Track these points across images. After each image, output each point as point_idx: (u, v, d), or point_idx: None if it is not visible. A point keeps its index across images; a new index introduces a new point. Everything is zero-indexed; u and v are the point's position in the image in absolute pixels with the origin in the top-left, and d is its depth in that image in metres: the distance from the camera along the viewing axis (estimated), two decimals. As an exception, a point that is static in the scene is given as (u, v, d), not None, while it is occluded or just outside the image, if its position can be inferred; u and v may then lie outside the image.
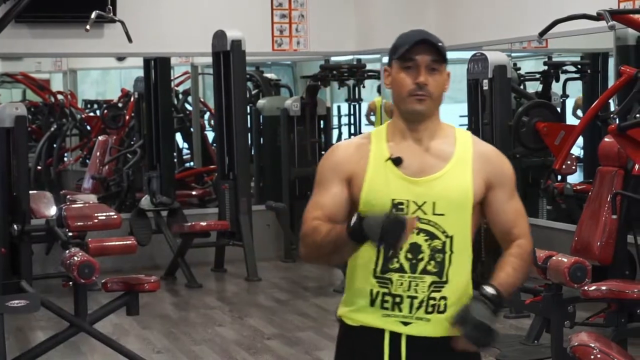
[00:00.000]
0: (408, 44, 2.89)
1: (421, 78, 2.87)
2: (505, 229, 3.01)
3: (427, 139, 2.94)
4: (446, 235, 2.90)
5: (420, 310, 2.89)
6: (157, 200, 10.11)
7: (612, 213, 6.83)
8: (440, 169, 2.92)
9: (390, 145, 2.94)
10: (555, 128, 8.00)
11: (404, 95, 2.90)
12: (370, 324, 2.93)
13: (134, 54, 10.79)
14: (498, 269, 2.96)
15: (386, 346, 2.92)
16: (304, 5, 10.95)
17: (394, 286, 2.89)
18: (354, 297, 2.97)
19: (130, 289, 6.37)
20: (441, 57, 2.89)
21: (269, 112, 11.23)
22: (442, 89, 2.92)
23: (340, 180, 2.94)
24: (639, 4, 7.87)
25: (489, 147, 3.05)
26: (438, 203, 2.89)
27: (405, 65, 2.90)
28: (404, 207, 2.88)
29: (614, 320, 5.65)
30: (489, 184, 2.96)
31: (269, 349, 7.06)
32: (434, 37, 2.91)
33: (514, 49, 10.21)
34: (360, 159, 2.94)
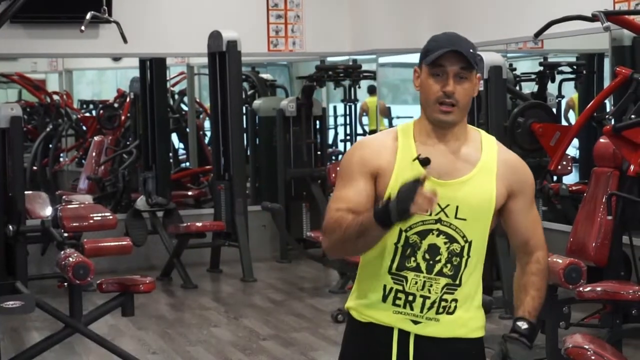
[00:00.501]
0: (438, 52, 2.88)
1: (449, 88, 2.88)
2: (523, 239, 3.05)
3: (453, 141, 2.95)
4: (465, 240, 2.93)
5: (432, 311, 2.93)
6: (152, 200, 10.10)
7: (608, 214, 6.83)
8: (466, 174, 2.93)
9: (417, 144, 2.94)
10: (551, 129, 8.00)
11: (431, 102, 2.91)
12: (380, 321, 2.96)
13: (130, 55, 10.78)
14: (522, 291, 3.02)
15: (395, 344, 2.94)
16: (300, 6, 10.95)
17: (409, 284, 2.92)
18: (366, 291, 2.99)
19: (126, 289, 6.36)
20: (470, 65, 2.88)
21: (264, 113, 11.23)
22: (470, 96, 2.92)
23: (367, 175, 2.93)
24: (634, 5, 7.87)
25: (513, 155, 3.05)
26: (461, 207, 2.91)
27: (434, 71, 2.90)
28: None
29: (609, 321, 5.64)
30: (511, 192, 2.98)
31: (265, 349, 7.06)
32: (464, 45, 2.90)
33: (510, 49, 10.21)
34: (387, 155, 2.94)
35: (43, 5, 9.68)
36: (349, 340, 3.06)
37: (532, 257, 3.05)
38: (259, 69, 13.17)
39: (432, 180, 2.86)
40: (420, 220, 2.88)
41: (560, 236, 8.03)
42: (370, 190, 2.93)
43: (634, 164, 6.51)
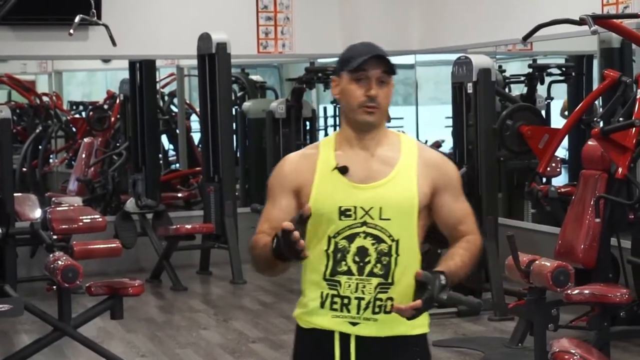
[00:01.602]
0: (361, 57, 3.00)
1: (373, 91, 3.00)
2: (452, 227, 3.11)
3: (373, 146, 3.06)
4: (392, 239, 3.00)
5: (368, 311, 3.00)
6: (142, 202, 10.09)
7: (596, 216, 6.85)
8: (386, 175, 3.03)
9: (338, 153, 3.06)
10: (539, 131, 8.02)
11: (355, 107, 3.02)
12: (321, 326, 3.05)
13: (119, 57, 10.77)
14: (447, 258, 3.05)
15: (337, 347, 3.03)
16: (289, 8, 10.95)
17: (342, 288, 3.01)
18: (306, 299, 3.09)
19: (115, 292, 6.37)
20: (390, 70, 3.02)
21: (254, 115, 11.23)
22: (389, 99, 3.05)
23: (288, 193, 3.06)
24: (622, 8, 7.89)
25: (435, 153, 3.16)
26: (384, 208, 3.00)
27: (357, 77, 3.01)
28: (352, 213, 2.99)
29: (597, 324, 5.67)
30: (435, 189, 3.07)
31: (254, 352, 7.07)
32: (383, 51, 3.04)
33: (499, 51, 10.23)
34: (308, 169, 3.06)
35: (32, 8, 9.66)
36: (297, 347, 3.17)
37: (464, 237, 3.10)
38: (248, 70, 13.17)
39: (354, 185, 3.00)
40: (347, 226, 3.00)
41: (549, 238, 8.06)
42: (293, 207, 3.05)
43: (621, 166, 6.54)
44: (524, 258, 5.99)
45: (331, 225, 3.00)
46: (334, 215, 2.99)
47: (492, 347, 6.90)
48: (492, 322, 7.63)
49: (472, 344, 7.06)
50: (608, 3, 8.06)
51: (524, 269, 5.94)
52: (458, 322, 7.69)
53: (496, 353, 6.75)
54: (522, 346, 6.70)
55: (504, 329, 7.35)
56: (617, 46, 8.09)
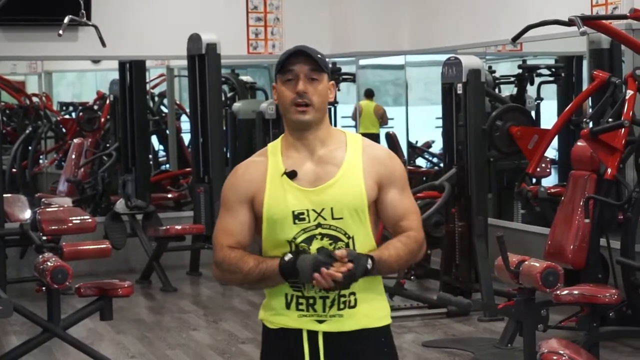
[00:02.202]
0: (286, 57, 3.07)
1: (300, 87, 3.04)
2: (394, 223, 3.14)
3: (318, 147, 3.10)
4: (348, 237, 3.06)
5: (333, 308, 3.06)
6: (132, 203, 10.08)
7: (585, 217, 6.86)
8: (333, 176, 3.08)
9: (285, 159, 3.10)
10: (529, 132, 8.03)
11: (287, 106, 3.07)
12: (288, 326, 3.10)
13: (109, 57, 10.76)
14: (383, 247, 3.09)
15: (305, 344, 3.08)
16: (279, 9, 10.95)
17: (306, 289, 3.06)
18: (271, 302, 3.13)
19: (104, 294, 6.36)
20: (319, 66, 3.05)
21: (244, 115, 11.21)
22: (323, 97, 3.07)
23: (244, 203, 3.10)
24: (612, 9, 7.91)
25: (380, 149, 3.20)
26: (335, 208, 3.05)
27: (286, 78, 3.07)
28: (305, 217, 3.03)
29: (587, 324, 5.68)
30: (381, 184, 3.11)
31: (244, 353, 7.07)
32: (311, 49, 3.07)
33: (489, 52, 10.24)
34: (258, 176, 3.10)
35: (22, 8, 9.65)
36: (266, 348, 3.20)
37: (404, 233, 3.13)
38: (238, 71, 13.15)
39: (303, 189, 3.05)
40: (302, 230, 3.05)
41: (539, 239, 8.08)
42: (250, 218, 3.11)
43: (611, 167, 6.55)
44: (514, 259, 6.00)
45: (286, 231, 3.04)
46: (288, 220, 3.04)
47: (481, 347, 6.90)
48: (482, 323, 7.63)
49: (462, 345, 7.06)
50: (597, 4, 8.08)
51: (514, 270, 5.96)
52: (448, 323, 7.70)
53: (486, 353, 6.76)
54: (511, 347, 6.70)
55: (493, 330, 7.36)
56: (607, 47, 8.09)
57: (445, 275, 8.17)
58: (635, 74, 6.59)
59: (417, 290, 8.71)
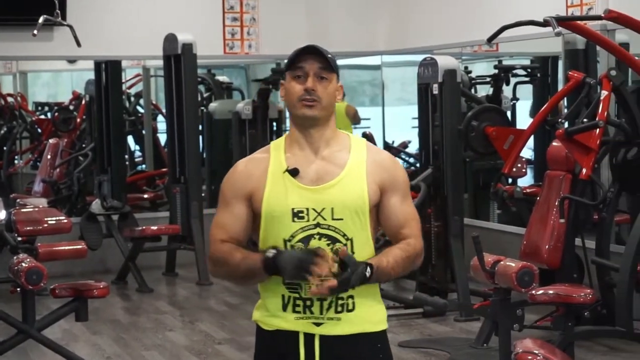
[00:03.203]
0: (296, 54, 3.06)
1: (309, 83, 3.03)
2: (395, 229, 3.13)
3: (323, 147, 3.09)
4: (347, 238, 3.04)
5: (331, 311, 3.04)
6: (108, 204, 10.04)
7: (560, 217, 6.89)
8: (336, 176, 3.06)
9: (288, 156, 3.08)
10: (504, 132, 8.05)
11: (295, 102, 3.06)
12: (284, 328, 3.07)
13: (85, 57, 10.72)
14: (382, 254, 3.07)
15: (301, 347, 3.05)
16: (256, 9, 10.93)
17: (304, 290, 3.03)
18: (267, 303, 3.11)
19: (79, 294, 6.33)
20: (329, 65, 3.05)
21: (220, 115, 11.20)
22: (331, 97, 3.07)
23: (241, 199, 3.09)
24: (586, 10, 7.94)
25: (384, 154, 3.20)
26: (336, 208, 3.03)
27: (296, 74, 3.06)
28: (304, 215, 3.02)
29: (562, 324, 5.69)
30: (383, 189, 3.10)
31: (220, 353, 7.05)
32: (322, 49, 3.08)
33: (465, 52, 10.26)
34: (259, 173, 3.08)
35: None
36: (260, 349, 3.18)
37: (404, 240, 3.12)
38: (215, 71, 13.14)
39: (305, 187, 3.04)
40: (300, 228, 3.03)
41: (515, 238, 8.10)
42: (246, 214, 3.10)
43: (586, 167, 6.57)
44: (489, 259, 6.02)
45: (284, 228, 3.03)
46: (287, 218, 3.01)
47: (457, 347, 6.92)
48: (458, 323, 7.65)
49: (438, 345, 7.07)
50: (572, 5, 8.11)
51: (489, 270, 5.97)
52: (424, 323, 7.71)
53: (462, 353, 6.77)
54: (487, 346, 6.72)
55: (469, 330, 7.37)
56: (582, 48, 8.13)
57: (421, 276, 8.18)
58: (610, 74, 6.61)
59: (393, 290, 8.72)
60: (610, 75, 6.62)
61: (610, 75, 6.62)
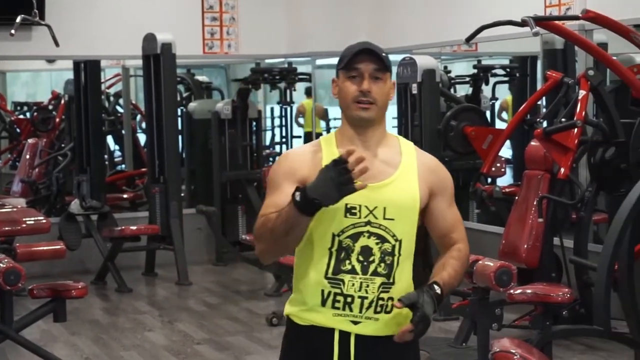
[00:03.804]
0: (352, 54, 3.01)
1: (365, 85, 3.00)
2: (443, 234, 3.14)
3: (374, 146, 3.07)
4: (395, 239, 3.02)
5: (370, 310, 3.01)
6: (87, 204, 10.01)
7: (539, 216, 6.91)
8: (390, 176, 3.04)
9: (340, 151, 2.99)
10: (483, 132, 8.07)
11: (349, 102, 3.03)
12: (320, 323, 3.04)
13: (63, 57, 10.69)
14: (440, 268, 3.07)
15: (336, 345, 3.02)
16: (235, 8, 10.92)
17: (346, 287, 3.00)
18: (304, 297, 3.07)
19: (58, 295, 6.30)
20: (384, 66, 3.02)
21: (200, 115, 11.18)
22: (386, 96, 3.05)
23: (293, 181, 3.01)
24: (565, 10, 7.97)
25: (432, 158, 3.18)
26: (388, 208, 3.01)
27: (350, 74, 3.03)
28: (357, 212, 2.99)
29: (540, 323, 5.70)
30: (432, 192, 3.10)
31: (199, 353, 7.04)
32: (377, 48, 3.04)
33: (444, 52, 10.28)
34: (315, 162, 3.03)
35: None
36: (291, 344, 3.14)
37: (454, 246, 3.14)
38: (194, 71, 13.13)
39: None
40: (351, 224, 2.99)
41: (494, 238, 8.11)
42: None
43: (564, 167, 6.59)
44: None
45: (336, 222, 2.99)
46: (340, 212, 2.98)
47: (436, 347, 6.92)
48: (437, 322, 7.65)
49: (417, 344, 7.07)
50: (550, 5, 8.13)
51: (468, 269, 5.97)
52: (403, 322, 7.70)
53: (440, 353, 6.77)
54: (466, 346, 6.72)
55: (448, 329, 7.38)
56: (560, 47, 8.16)
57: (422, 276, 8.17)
58: (588, 74, 6.64)
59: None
60: (588, 75, 6.64)
61: (588, 75, 6.64)
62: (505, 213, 7.82)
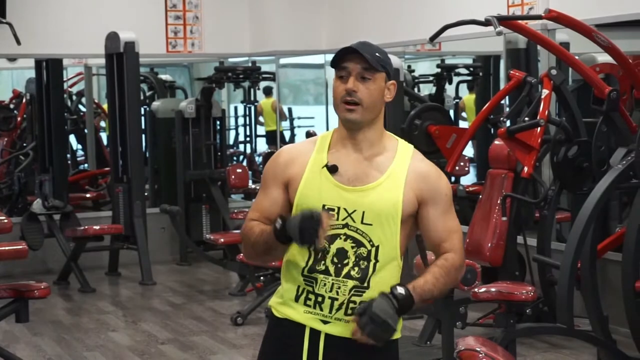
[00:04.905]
0: (340, 53, 3.02)
1: (349, 84, 2.99)
2: (436, 243, 3.09)
3: (366, 148, 3.04)
4: (372, 244, 3.00)
5: (340, 312, 3.01)
6: (49, 203, 9.95)
7: (502, 215, 6.94)
8: (374, 180, 3.01)
9: (332, 152, 3.05)
10: (447, 131, 8.10)
11: (338, 102, 3.03)
12: (293, 318, 3.06)
13: (25, 55, 10.61)
14: (420, 275, 3.03)
15: (306, 341, 3.04)
16: (198, 7, 10.89)
17: (318, 286, 3.02)
18: (284, 290, 3.10)
19: (20, 295, 6.26)
20: (372, 66, 2.98)
21: (163, 114, 11.14)
22: (375, 97, 3.00)
23: (279, 184, 3.07)
24: (527, 10, 8.00)
25: (428, 165, 3.10)
26: (367, 213, 2.99)
27: (339, 73, 3.03)
28: (334, 214, 2.99)
29: (504, 321, 5.73)
30: (422, 200, 3.03)
31: (163, 353, 7.01)
32: (369, 49, 3.01)
33: (408, 51, 10.30)
34: (300, 163, 3.06)
35: None
36: (269, 334, 3.17)
37: (442, 255, 3.08)
38: (158, 69, 13.08)
39: (340, 186, 3.00)
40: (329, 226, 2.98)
41: (457, 237, 8.13)
42: (282, 199, 3.08)
43: (527, 166, 6.62)
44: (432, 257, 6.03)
45: None
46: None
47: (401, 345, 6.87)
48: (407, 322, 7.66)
49: (382, 343, 7.07)
50: (513, 4, 8.17)
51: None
52: (368, 321, 7.71)
53: (405, 351, 6.77)
54: (430, 344, 6.75)
55: (412, 328, 7.40)
56: (523, 47, 8.18)
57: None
58: (551, 73, 6.67)
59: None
60: (551, 74, 6.67)
61: (551, 74, 6.67)
62: (469, 212, 7.85)
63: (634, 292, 5.73)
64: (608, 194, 5.81)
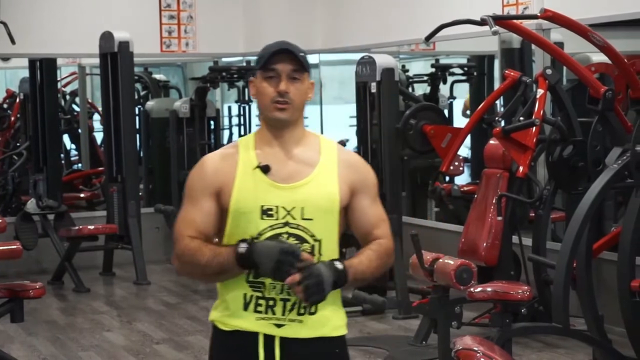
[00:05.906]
0: (269, 54, 3.00)
1: (282, 86, 2.99)
2: (366, 231, 3.11)
3: (292, 146, 3.05)
4: (315, 239, 3.00)
5: (293, 312, 2.99)
6: (43, 203, 9.94)
7: (498, 215, 6.94)
8: (307, 175, 3.02)
9: (258, 153, 3.03)
10: (442, 131, 8.10)
11: (267, 104, 3.01)
12: (244, 328, 3.01)
13: (19, 55, 10.58)
14: (354, 256, 3.05)
15: (261, 349, 3.00)
16: (193, 7, 10.88)
17: (267, 290, 2.98)
18: (228, 302, 3.04)
19: (15, 295, 6.24)
20: (302, 66, 3.01)
21: (157, 114, 11.13)
22: (303, 97, 3.04)
23: (209, 194, 3.02)
24: (522, 9, 8.01)
25: (354, 156, 3.18)
26: (306, 208, 2.99)
27: (268, 75, 3.01)
28: (274, 213, 2.97)
29: (499, 321, 5.73)
30: (354, 190, 3.07)
31: (158, 353, 7.01)
32: (295, 47, 3.03)
33: (403, 51, 10.30)
34: (228, 169, 3.02)
35: None
36: (217, 351, 3.12)
37: (375, 240, 3.10)
38: (152, 69, 13.06)
39: (275, 185, 2.99)
40: (269, 226, 2.98)
41: (452, 236, 8.15)
42: (214, 210, 3.02)
43: (522, 165, 6.62)
44: (428, 256, 6.05)
45: (252, 225, 2.97)
46: (256, 215, 2.96)
47: (396, 345, 6.94)
48: (397, 321, 7.67)
49: (377, 342, 7.09)
50: (508, 4, 8.17)
51: (428, 268, 6.01)
52: (363, 321, 7.73)
53: (400, 351, 6.79)
54: (426, 344, 6.75)
55: (408, 327, 7.40)
56: (518, 47, 8.19)
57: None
58: (546, 73, 6.67)
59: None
60: (546, 74, 6.67)
61: (546, 74, 6.67)
62: (464, 211, 7.86)
63: (629, 291, 5.74)
64: (603, 193, 5.81)
